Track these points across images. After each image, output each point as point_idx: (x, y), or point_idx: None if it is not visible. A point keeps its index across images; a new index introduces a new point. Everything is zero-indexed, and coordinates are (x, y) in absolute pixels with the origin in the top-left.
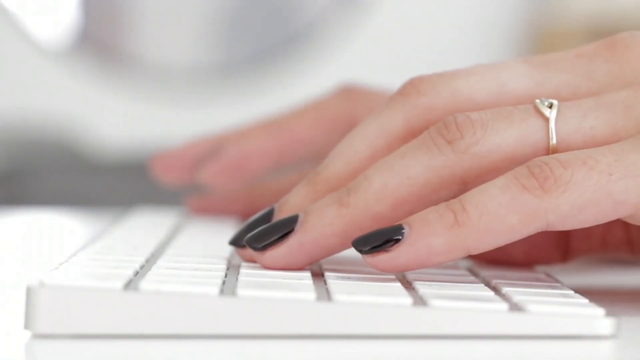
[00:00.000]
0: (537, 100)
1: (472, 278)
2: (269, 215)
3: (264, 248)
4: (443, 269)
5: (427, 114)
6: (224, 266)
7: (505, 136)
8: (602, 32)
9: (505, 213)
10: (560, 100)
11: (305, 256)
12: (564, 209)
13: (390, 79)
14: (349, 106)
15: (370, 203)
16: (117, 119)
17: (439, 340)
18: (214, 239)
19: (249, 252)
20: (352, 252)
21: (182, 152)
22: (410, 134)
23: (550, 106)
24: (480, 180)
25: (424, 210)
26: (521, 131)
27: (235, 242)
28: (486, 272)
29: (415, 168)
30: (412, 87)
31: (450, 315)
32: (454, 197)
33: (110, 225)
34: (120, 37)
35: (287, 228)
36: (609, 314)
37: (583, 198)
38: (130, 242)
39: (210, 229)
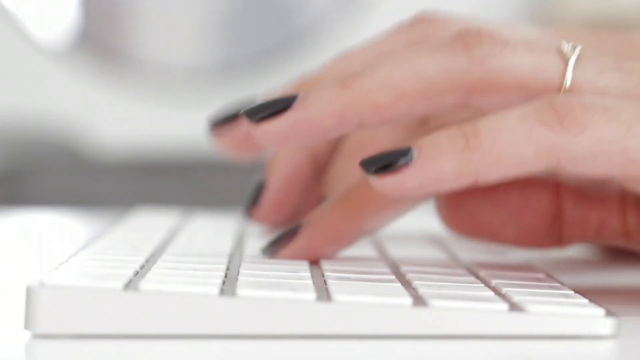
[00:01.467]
0: (563, 41)
1: (472, 278)
2: (290, 100)
3: (260, 120)
4: (443, 269)
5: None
6: (224, 266)
7: (522, 61)
8: None
9: (519, 144)
10: None
11: (298, 133)
12: (578, 150)
13: None
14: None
15: (373, 90)
16: (117, 119)
17: (439, 340)
18: (214, 239)
19: (261, 128)
20: (352, 253)
21: (279, 191)
22: None
23: (574, 49)
24: (485, 97)
25: (434, 133)
26: (539, 63)
27: (251, 114)
28: (486, 272)
29: (425, 64)
30: (424, 18)
31: (450, 315)
32: (456, 105)
33: (110, 225)
34: (120, 37)
35: (286, 103)
36: (609, 314)
37: (598, 145)
38: (130, 242)
39: (210, 229)
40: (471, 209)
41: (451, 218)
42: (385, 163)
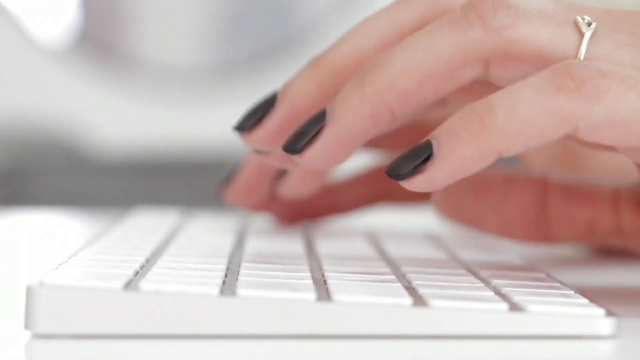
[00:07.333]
0: (578, 17)
1: (472, 278)
2: (271, 99)
3: (301, 150)
4: (443, 269)
5: (445, 14)
6: (224, 266)
7: (539, 31)
8: None
9: (536, 116)
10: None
11: (343, 147)
12: (595, 118)
13: None
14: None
15: (395, 79)
16: (116, 119)
17: (439, 340)
18: (214, 239)
19: (253, 136)
20: (351, 253)
21: (248, 173)
22: None
23: (589, 25)
24: (503, 67)
25: (449, 119)
26: (555, 35)
27: (241, 127)
28: (486, 272)
29: (441, 42)
30: None
31: (450, 315)
32: (476, 78)
33: (110, 225)
34: (120, 37)
35: (318, 124)
36: (609, 314)
37: (616, 114)
38: (130, 242)
39: (210, 229)
40: (457, 195)
41: (440, 203)
42: (410, 167)
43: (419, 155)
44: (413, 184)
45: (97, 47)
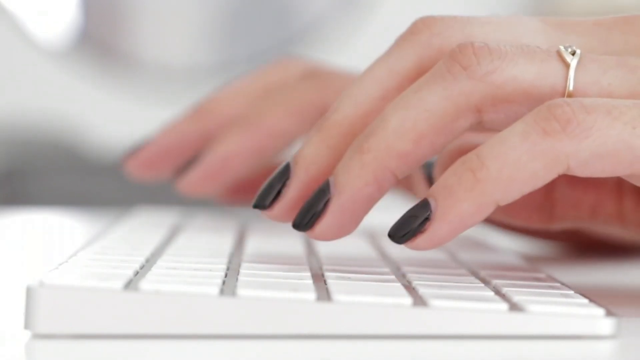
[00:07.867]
0: (561, 47)
1: (472, 278)
2: (285, 170)
3: (312, 225)
4: (443, 269)
5: (439, 56)
6: (224, 266)
7: (523, 70)
8: None
9: (527, 161)
10: None
11: (351, 216)
12: (584, 155)
13: None
14: (319, 92)
15: (391, 142)
16: (117, 119)
17: (439, 340)
18: (214, 239)
19: (274, 212)
20: (351, 253)
21: (155, 148)
22: (422, 75)
23: (573, 54)
24: (495, 112)
25: (443, 176)
26: (541, 70)
27: (261, 204)
28: (486, 272)
29: (431, 99)
30: (425, 25)
31: (450, 315)
32: (471, 127)
33: (110, 225)
34: (120, 37)
35: (324, 197)
36: (609, 314)
37: (604, 147)
38: (130, 242)
39: (210, 229)
40: None
41: None
42: (410, 229)
43: (419, 216)
44: (416, 244)
45: (97, 47)
